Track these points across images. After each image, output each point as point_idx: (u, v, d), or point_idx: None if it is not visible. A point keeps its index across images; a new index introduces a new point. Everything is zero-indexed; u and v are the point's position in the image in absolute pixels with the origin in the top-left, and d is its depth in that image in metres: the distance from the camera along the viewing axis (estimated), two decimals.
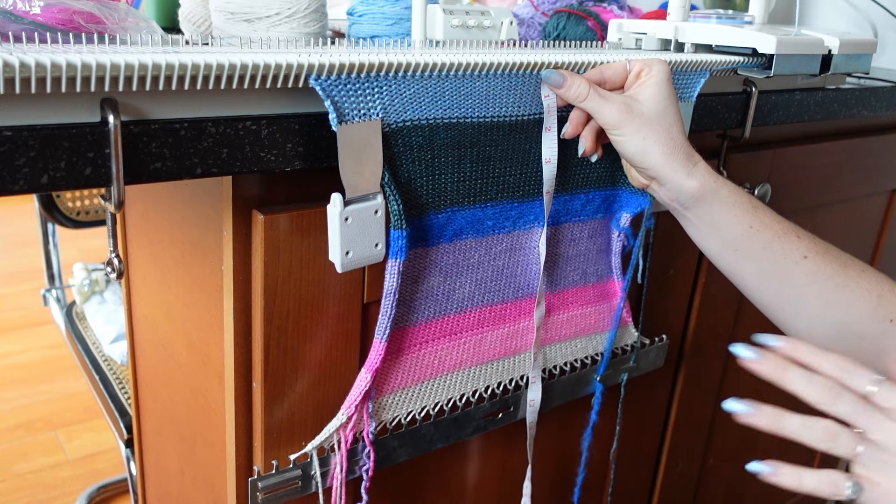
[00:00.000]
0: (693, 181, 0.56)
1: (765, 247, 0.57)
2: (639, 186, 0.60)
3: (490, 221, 0.59)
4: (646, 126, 0.55)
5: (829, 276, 0.56)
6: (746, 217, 0.57)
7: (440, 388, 0.62)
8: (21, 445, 1.69)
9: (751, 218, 0.57)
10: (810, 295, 0.57)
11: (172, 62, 0.40)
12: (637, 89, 0.57)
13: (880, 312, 0.56)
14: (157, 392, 0.81)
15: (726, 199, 0.57)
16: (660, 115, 0.56)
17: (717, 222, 0.57)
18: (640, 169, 0.58)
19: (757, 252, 0.57)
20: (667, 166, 0.56)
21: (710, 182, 0.57)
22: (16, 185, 0.38)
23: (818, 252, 0.57)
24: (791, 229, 0.58)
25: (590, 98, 0.55)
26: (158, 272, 0.72)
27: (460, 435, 0.66)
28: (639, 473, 0.96)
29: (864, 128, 1.02)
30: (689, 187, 0.56)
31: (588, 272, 0.69)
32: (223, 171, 0.45)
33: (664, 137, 0.56)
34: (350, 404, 0.56)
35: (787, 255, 0.57)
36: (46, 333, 2.15)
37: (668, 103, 0.56)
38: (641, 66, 0.57)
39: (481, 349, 0.63)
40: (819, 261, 0.57)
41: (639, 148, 0.56)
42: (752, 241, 0.57)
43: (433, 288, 0.58)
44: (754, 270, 0.58)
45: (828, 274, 0.57)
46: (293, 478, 0.57)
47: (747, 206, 0.57)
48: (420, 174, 0.53)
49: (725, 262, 0.59)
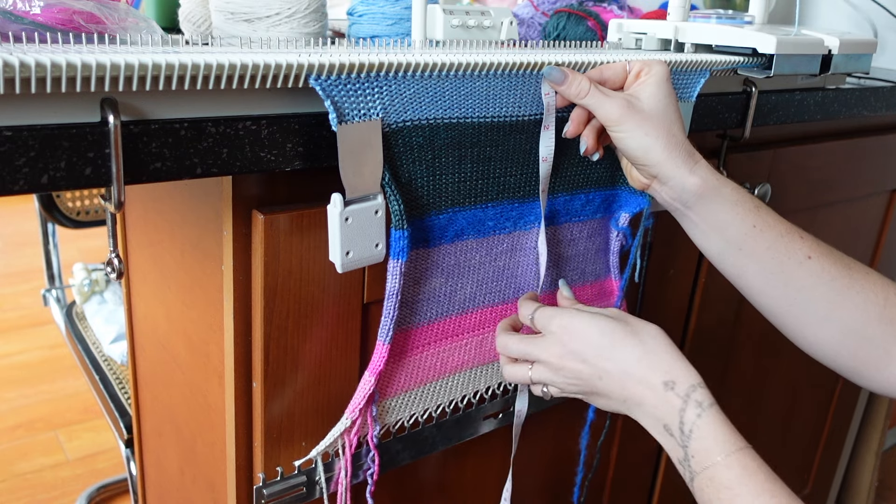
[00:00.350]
0: (695, 178, 0.56)
1: (769, 247, 0.56)
2: (639, 187, 0.60)
3: (491, 222, 0.59)
4: (647, 122, 0.55)
5: (834, 278, 0.56)
6: (749, 216, 0.57)
7: (442, 390, 0.62)
8: (21, 445, 1.69)
9: (754, 217, 0.57)
10: (816, 296, 0.56)
11: (172, 62, 0.40)
12: (637, 88, 0.57)
13: (887, 314, 0.56)
14: (157, 392, 0.81)
15: (729, 197, 0.56)
16: (661, 113, 0.56)
17: (719, 221, 0.57)
18: (641, 167, 0.57)
19: (761, 252, 0.57)
20: (669, 162, 0.55)
21: (712, 179, 0.56)
22: (16, 185, 0.38)
23: (822, 253, 0.57)
24: (794, 230, 0.57)
25: (591, 94, 0.55)
26: (158, 272, 0.72)
27: (462, 436, 0.66)
28: (639, 473, 0.96)
29: (864, 128, 1.02)
30: (691, 184, 0.56)
31: (586, 271, 0.69)
32: (223, 171, 0.45)
33: (665, 134, 0.55)
34: (354, 408, 0.55)
35: (791, 256, 0.56)
36: (46, 333, 2.15)
37: (669, 101, 0.56)
38: (641, 66, 0.57)
39: (482, 350, 0.63)
40: (824, 262, 0.56)
41: (641, 144, 0.55)
42: (755, 241, 0.57)
43: (435, 289, 0.58)
44: (758, 271, 0.57)
45: (833, 275, 0.56)
46: (298, 484, 0.57)
47: (750, 205, 0.57)
48: (421, 174, 0.53)
49: (729, 263, 0.59)
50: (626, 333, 0.53)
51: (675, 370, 0.52)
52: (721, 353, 0.96)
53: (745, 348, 1.00)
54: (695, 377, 0.52)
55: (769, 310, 0.59)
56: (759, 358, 1.03)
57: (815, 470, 1.29)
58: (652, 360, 0.52)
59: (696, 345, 0.92)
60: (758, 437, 1.12)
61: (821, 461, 1.29)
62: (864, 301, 0.56)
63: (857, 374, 0.57)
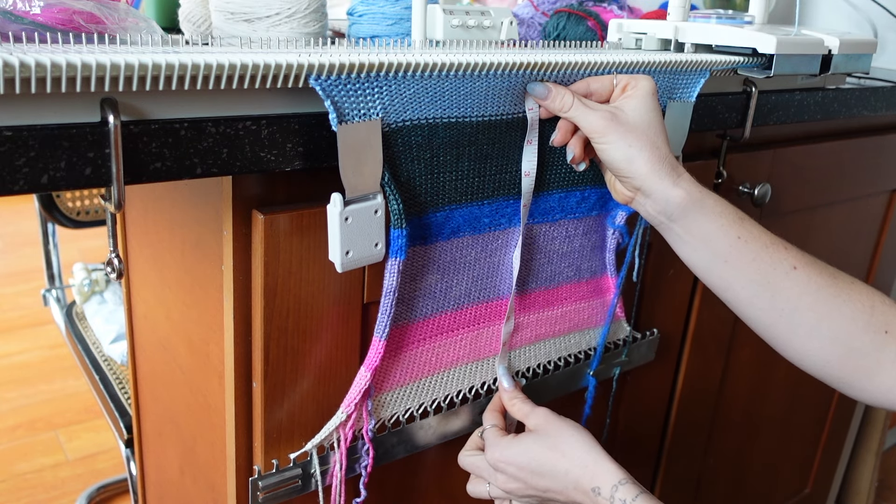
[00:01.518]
0: (679, 190, 0.56)
1: (754, 258, 0.56)
2: (622, 201, 0.60)
3: (486, 219, 0.59)
4: (631, 133, 0.55)
5: (820, 287, 0.56)
6: (734, 228, 0.57)
7: (437, 385, 0.62)
8: (21, 445, 1.69)
9: (738, 228, 0.57)
10: (803, 307, 0.56)
11: (172, 62, 0.40)
12: (622, 101, 0.58)
13: (874, 323, 0.55)
14: (157, 392, 0.81)
15: (713, 209, 0.57)
16: (645, 125, 0.56)
17: (704, 233, 0.57)
18: (624, 178, 0.57)
19: (746, 263, 0.57)
20: (653, 175, 0.56)
21: (696, 192, 0.56)
22: (16, 185, 0.38)
23: (807, 263, 0.57)
24: (778, 241, 0.58)
25: (574, 108, 0.56)
26: (158, 272, 0.72)
27: (457, 431, 0.66)
28: (639, 473, 0.96)
29: (864, 128, 1.02)
30: (674, 196, 0.56)
31: (582, 268, 0.69)
32: (223, 171, 0.45)
33: (649, 146, 0.56)
34: (350, 402, 0.56)
35: (776, 266, 0.56)
36: (46, 333, 2.15)
37: (653, 115, 0.57)
38: (628, 81, 0.58)
39: (477, 346, 0.64)
40: (809, 271, 0.57)
41: (624, 155, 0.56)
42: (741, 253, 0.57)
43: (431, 286, 0.58)
44: (745, 283, 0.57)
45: (819, 285, 0.56)
46: (293, 476, 0.57)
47: (733, 216, 0.57)
48: (419, 173, 0.53)
49: (716, 276, 0.59)
50: (549, 450, 0.58)
51: (599, 475, 0.57)
52: (721, 353, 0.96)
53: (745, 348, 1.00)
54: (615, 475, 0.56)
55: (757, 322, 0.59)
56: (759, 358, 1.03)
57: (815, 470, 1.29)
58: (576, 472, 0.57)
59: (696, 344, 0.92)
60: (758, 437, 1.12)
61: (821, 461, 1.29)
62: (850, 311, 0.56)
63: (848, 384, 0.57)
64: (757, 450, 1.13)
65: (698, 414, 0.99)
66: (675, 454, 0.98)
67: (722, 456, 1.08)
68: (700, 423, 1.00)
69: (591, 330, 0.73)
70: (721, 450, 1.06)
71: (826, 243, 1.03)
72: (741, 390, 1.04)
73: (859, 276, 1.13)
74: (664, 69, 0.63)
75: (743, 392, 1.05)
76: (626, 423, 0.88)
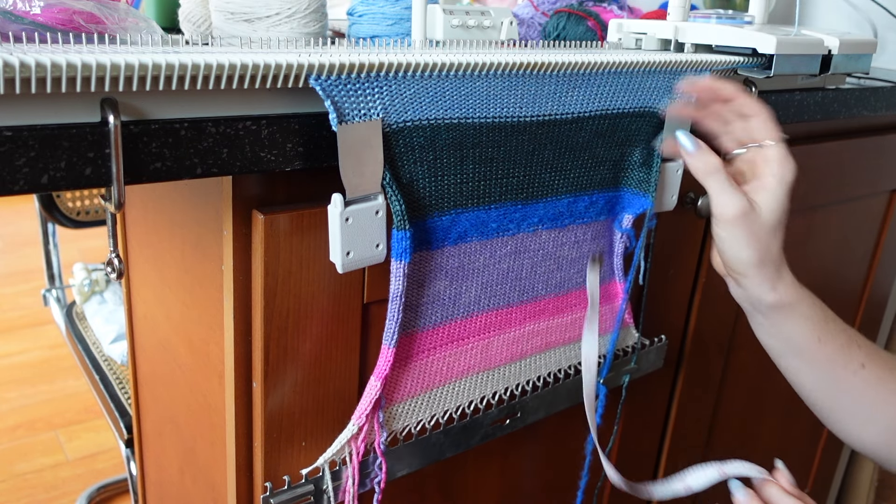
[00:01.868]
0: (775, 295, 0.56)
1: (828, 358, 0.58)
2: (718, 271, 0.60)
3: (494, 224, 0.58)
4: (754, 237, 0.54)
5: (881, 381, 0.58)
6: (816, 330, 0.57)
7: (449, 396, 0.61)
8: (21, 445, 1.69)
9: (820, 330, 0.57)
10: (865, 402, 0.58)
11: (172, 62, 0.40)
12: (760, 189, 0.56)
13: None
14: (157, 392, 0.81)
15: (802, 314, 0.57)
16: (770, 229, 0.55)
17: (787, 331, 0.57)
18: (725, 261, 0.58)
19: (820, 363, 0.58)
20: (754, 277, 0.55)
21: (791, 297, 0.56)
22: (16, 185, 0.38)
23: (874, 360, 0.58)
24: (853, 339, 0.59)
25: (715, 177, 0.54)
26: (158, 272, 0.72)
27: (469, 443, 0.65)
28: (639, 473, 0.96)
29: (864, 128, 1.01)
30: (768, 299, 0.56)
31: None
32: (223, 171, 0.45)
33: (763, 250, 0.55)
34: (361, 414, 0.55)
35: (847, 366, 0.57)
36: (46, 333, 2.15)
37: (782, 215, 0.55)
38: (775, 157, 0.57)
39: (488, 354, 0.63)
40: (875, 368, 0.58)
41: (734, 252, 0.55)
42: (816, 352, 0.58)
43: (439, 292, 0.57)
44: (814, 377, 0.59)
45: (882, 379, 0.58)
46: (305, 493, 0.56)
47: (820, 318, 0.57)
48: (422, 175, 0.53)
49: (785, 364, 0.60)
50: None
51: None
52: (721, 353, 0.96)
53: (745, 348, 1.00)
54: None
55: (818, 409, 0.60)
56: (759, 358, 1.03)
57: (815, 470, 1.29)
58: None
59: (696, 345, 0.92)
60: (758, 436, 1.12)
61: (821, 461, 1.29)
62: None
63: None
64: (757, 449, 1.13)
65: (698, 414, 0.99)
66: (675, 454, 0.98)
67: (722, 456, 1.07)
68: (700, 423, 1.00)
69: (600, 337, 0.72)
70: (721, 450, 1.06)
71: (826, 243, 1.03)
72: (741, 390, 1.04)
73: (859, 276, 1.13)
74: (664, 69, 0.63)
75: (743, 392, 1.05)
76: (625, 421, 0.88)
